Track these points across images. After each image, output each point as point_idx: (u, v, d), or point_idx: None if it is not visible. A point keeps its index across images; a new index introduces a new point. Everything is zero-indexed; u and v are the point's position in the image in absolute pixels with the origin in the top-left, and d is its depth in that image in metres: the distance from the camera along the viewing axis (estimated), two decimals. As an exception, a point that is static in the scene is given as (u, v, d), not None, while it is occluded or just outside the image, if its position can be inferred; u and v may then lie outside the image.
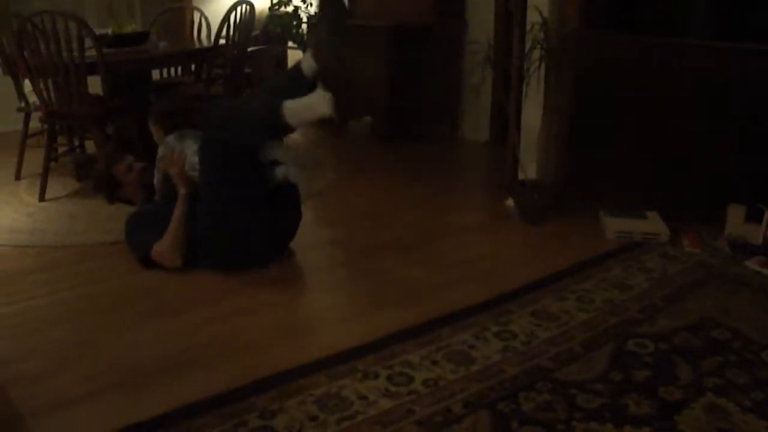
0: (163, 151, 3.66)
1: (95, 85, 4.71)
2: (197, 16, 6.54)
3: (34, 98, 4.88)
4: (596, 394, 2.44)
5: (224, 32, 5.20)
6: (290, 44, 7.57)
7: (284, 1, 7.49)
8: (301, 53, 7.46)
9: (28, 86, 4.94)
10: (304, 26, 7.31)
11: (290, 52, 7.78)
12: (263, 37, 7.58)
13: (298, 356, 2.70)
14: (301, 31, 7.33)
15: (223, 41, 5.26)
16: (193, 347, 2.82)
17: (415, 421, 2.30)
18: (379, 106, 6.21)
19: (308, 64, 3.50)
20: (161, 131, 3.84)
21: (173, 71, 6.38)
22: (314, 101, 3.31)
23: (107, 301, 3.28)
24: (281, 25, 7.38)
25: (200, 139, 3.54)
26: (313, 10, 7.38)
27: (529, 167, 4.35)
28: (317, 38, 3.51)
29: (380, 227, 4.18)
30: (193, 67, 6.11)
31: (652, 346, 2.75)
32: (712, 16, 4.22)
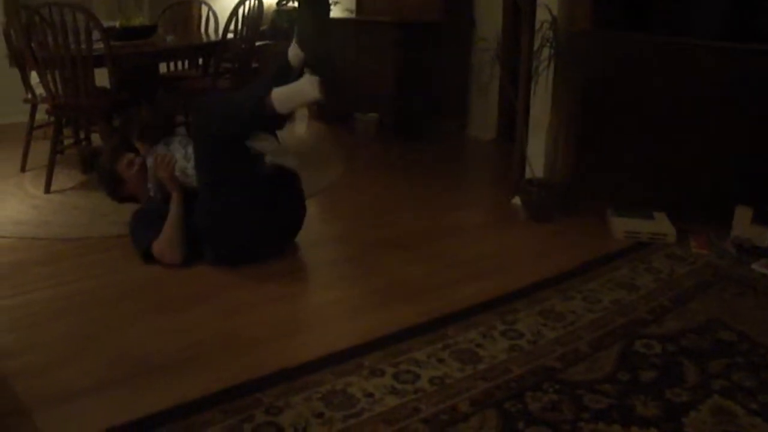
0: (151, 162, 3.67)
1: (102, 77, 4.70)
2: (205, 9, 6.52)
3: (40, 90, 4.87)
4: (603, 394, 2.42)
5: (232, 26, 5.19)
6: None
7: (292, -5, 7.46)
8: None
9: (35, 78, 4.93)
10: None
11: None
12: (270, 32, 7.55)
13: (303, 352, 2.69)
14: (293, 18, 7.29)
15: (230, 35, 5.25)
16: (197, 342, 2.81)
17: (421, 419, 2.29)
18: (386, 102, 6.19)
19: (294, 53, 3.53)
20: (147, 144, 3.82)
21: (180, 65, 6.37)
22: (302, 86, 3.34)
23: (112, 294, 3.27)
24: (288, 19, 7.35)
25: (190, 138, 3.56)
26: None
27: (536, 166, 4.34)
28: (300, 28, 3.54)
29: (386, 224, 4.17)
30: (200, 61, 6.10)
31: (659, 347, 2.74)
32: (721, 16, 4.20)
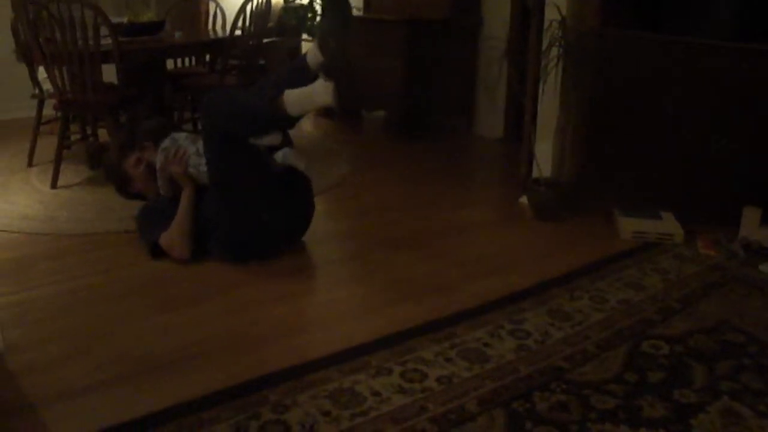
0: (161, 158, 3.65)
1: (110, 73, 4.70)
2: (212, 6, 6.52)
3: (48, 85, 4.88)
4: (611, 395, 2.42)
5: (240, 23, 5.19)
6: (305, 36, 7.55)
7: (299, -7, 7.47)
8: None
9: (42, 73, 4.94)
10: (319, 19, 7.29)
11: (304, 44, 7.76)
12: (277, 28, 7.55)
13: (310, 350, 2.69)
14: (315, 23, 7.31)
15: (238, 32, 5.24)
16: (203, 339, 2.80)
17: (428, 418, 2.28)
18: (393, 100, 6.18)
19: (313, 55, 3.48)
20: (152, 147, 3.79)
21: (187, 61, 6.37)
22: (315, 90, 3.30)
23: (118, 290, 3.27)
24: (296, 17, 7.36)
25: (201, 133, 3.54)
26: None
27: (543, 165, 4.33)
28: (322, 31, 3.50)
29: (393, 222, 4.16)
30: (207, 57, 6.10)
31: (667, 348, 2.73)
32: (732, 16, 4.19)
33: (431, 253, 3.71)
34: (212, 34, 6.11)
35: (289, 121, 3.44)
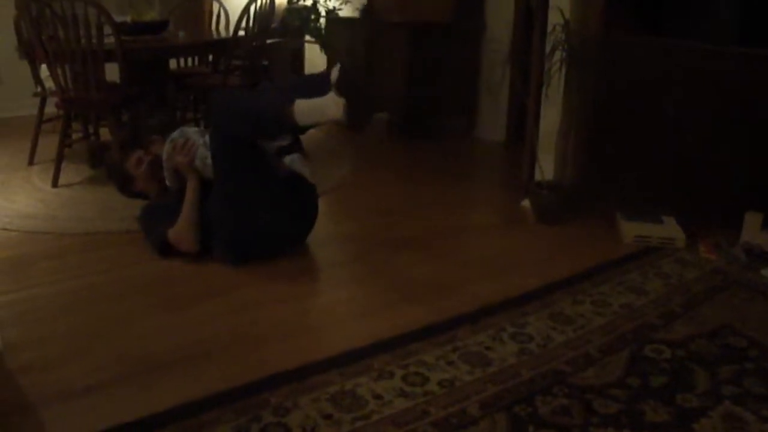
0: (167, 148, 3.64)
1: (112, 72, 4.69)
2: (216, 6, 6.51)
3: (50, 83, 4.87)
4: (613, 399, 2.41)
5: (243, 23, 5.18)
6: (308, 38, 7.55)
7: (303, -6, 7.47)
8: (317, 47, 7.45)
9: (44, 71, 4.93)
10: (322, 20, 7.29)
11: (308, 45, 7.76)
12: (281, 29, 7.55)
13: (311, 352, 2.68)
14: (319, 24, 7.31)
15: (241, 32, 5.24)
16: (204, 340, 2.79)
17: (430, 422, 2.27)
18: (396, 102, 6.18)
19: (336, 70, 3.44)
20: (160, 140, 3.80)
21: (191, 61, 6.36)
22: (326, 103, 3.27)
23: (118, 290, 3.26)
24: (299, 18, 7.36)
25: (209, 130, 3.53)
26: (331, 4, 7.34)
27: (546, 168, 4.32)
28: (343, 67, 3.45)
29: (395, 224, 4.15)
30: (210, 57, 6.09)
31: (669, 352, 2.72)
32: (735, 20, 4.19)
33: (433, 255, 3.70)
34: (215, 34, 6.11)
35: (297, 129, 3.43)
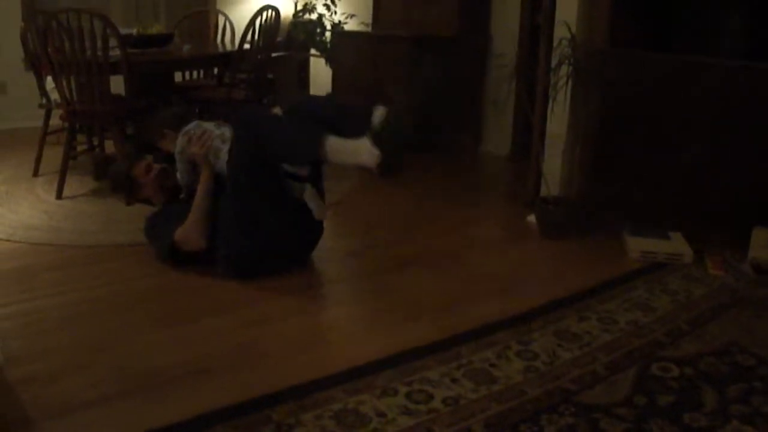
0: (182, 141, 3.61)
1: (117, 85, 4.69)
2: (222, 19, 6.52)
3: (55, 95, 4.87)
4: (620, 418, 2.37)
5: (249, 37, 5.18)
6: (313, 51, 7.56)
7: (309, 8, 7.48)
8: (323, 61, 7.45)
9: (50, 83, 4.94)
10: (327, 34, 7.30)
11: (313, 59, 7.76)
12: (286, 43, 7.56)
13: (315, 369, 2.65)
14: (324, 38, 7.32)
15: (247, 46, 5.24)
16: (207, 355, 2.77)
17: (434, 440, 2.25)
18: (401, 116, 6.15)
19: (380, 114, 3.26)
20: (172, 135, 3.75)
21: (196, 74, 6.36)
22: (360, 150, 3.14)
23: (121, 303, 3.24)
24: (305, 31, 7.38)
25: (232, 140, 3.47)
26: (337, 18, 7.36)
27: (551, 183, 4.30)
28: (389, 114, 3.30)
29: (399, 239, 4.13)
30: (215, 70, 6.09)
31: (676, 370, 2.69)
32: (741, 35, 4.18)
33: (438, 271, 3.68)
34: (221, 47, 6.11)
35: (326, 162, 3.37)
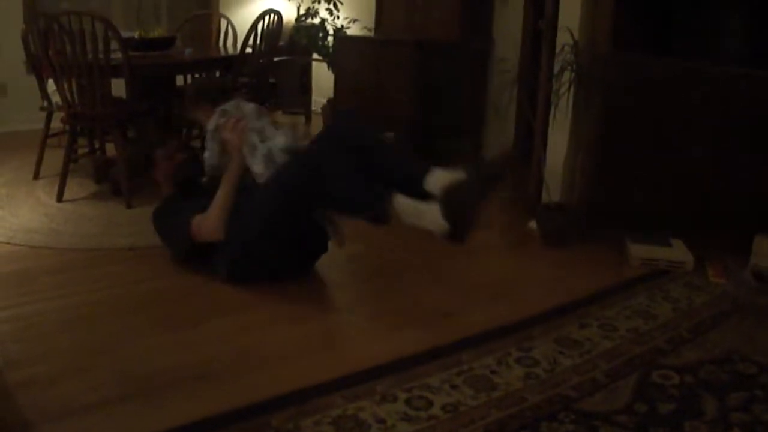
0: (218, 119, 3.54)
1: (119, 88, 4.69)
2: (224, 23, 6.52)
3: (56, 98, 4.87)
4: (620, 426, 2.37)
5: (251, 41, 5.18)
6: (315, 56, 7.56)
7: (311, 12, 7.48)
8: (325, 65, 7.44)
9: (51, 86, 4.93)
10: (330, 38, 7.30)
11: (315, 63, 7.76)
12: (288, 47, 7.56)
13: (314, 374, 2.64)
14: (326, 43, 7.32)
15: (249, 50, 5.23)
16: (207, 360, 2.76)
17: (434, 447, 2.24)
18: (402, 122, 6.15)
19: (444, 180, 3.04)
20: (208, 105, 3.68)
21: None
22: (426, 217, 2.96)
23: (121, 307, 3.24)
24: (307, 36, 7.37)
25: (290, 153, 3.42)
26: (339, 22, 7.35)
27: (553, 189, 4.30)
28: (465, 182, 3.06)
29: (399, 245, 4.11)
30: (217, 74, 6.09)
31: (677, 378, 2.69)
32: (745, 42, 4.17)
33: (438, 277, 3.68)
34: (223, 51, 6.10)
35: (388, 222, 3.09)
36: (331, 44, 7.30)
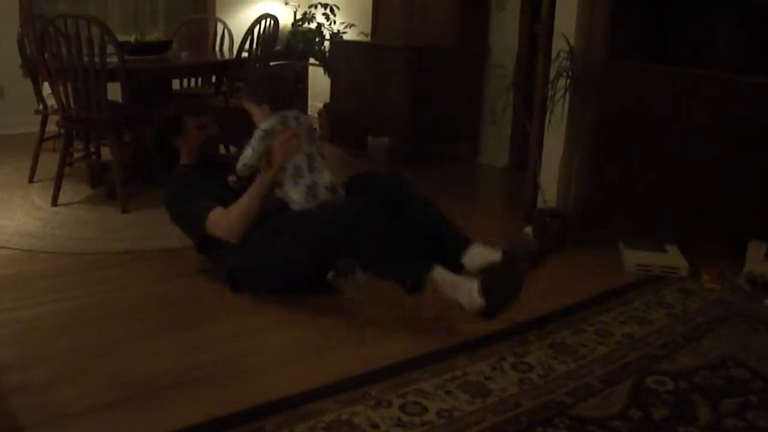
0: (275, 124, 3.39)
1: (114, 91, 4.68)
2: (220, 27, 6.51)
3: (52, 101, 4.86)
4: (614, 431, 2.37)
5: (247, 45, 5.18)
6: (312, 60, 7.56)
7: (308, 17, 7.48)
8: (321, 70, 7.44)
9: (47, 89, 4.92)
10: (326, 43, 7.30)
11: (311, 68, 7.76)
12: (285, 51, 7.56)
13: (309, 379, 2.64)
14: (323, 47, 7.32)
15: (245, 54, 5.23)
16: (201, 364, 2.76)
17: (428, 452, 2.24)
18: (399, 127, 6.16)
19: (484, 254, 3.35)
20: (267, 106, 3.47)
21: (194, 82, 6.35)
22: (466, 291, 3.01)
23: (116, 311, 3.23)
24: (304, 41, 7.37)
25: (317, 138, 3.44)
26: (336, 27, 7.36)
27: (549, 195, 4.30)
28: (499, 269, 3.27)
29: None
30: (213, 78, 6.09)
31: (671, 383, 2.69)
32: (739, 48, 4.18)
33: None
34: (219, 55, 6.10)
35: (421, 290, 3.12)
36: (327, 49, 7.30)
